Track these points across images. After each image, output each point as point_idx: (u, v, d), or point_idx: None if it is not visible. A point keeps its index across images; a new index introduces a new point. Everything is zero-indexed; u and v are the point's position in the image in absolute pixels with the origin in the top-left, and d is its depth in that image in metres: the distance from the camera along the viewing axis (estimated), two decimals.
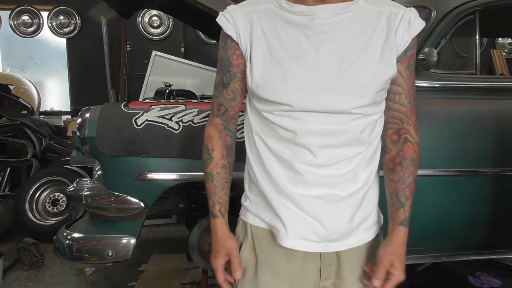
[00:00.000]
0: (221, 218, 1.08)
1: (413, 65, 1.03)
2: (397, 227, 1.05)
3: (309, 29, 0.95)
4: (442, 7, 2.09)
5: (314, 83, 0.94)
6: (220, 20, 1.02)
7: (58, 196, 3.52)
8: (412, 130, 1.06)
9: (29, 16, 5.38)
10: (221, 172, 1.08)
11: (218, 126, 1.09)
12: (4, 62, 5.72)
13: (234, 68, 1.03)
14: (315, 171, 0.97)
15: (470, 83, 2.14)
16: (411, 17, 0.98)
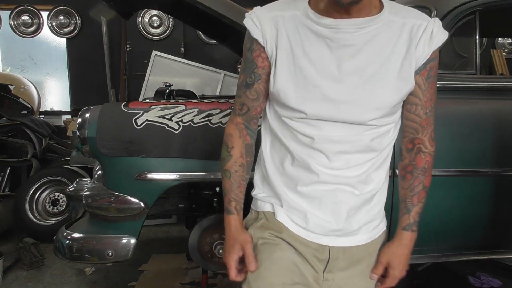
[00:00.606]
0: (236, 215, 1.10)
1: (434, 77, 1.04)
2: (400, 231, 1.11)
3: (333, 41, 0.97)
4: (442, 7, 2.09)
5: (333, 94, 0.96)
6: (247, 23, 1.03)
7: (58, 196, 3.52)
8: (427, 140, 1.09)
9: (29, 16, 5.38)
10: (239, 170, 1.10)
11: (239, 125, 1.11)
12: (4, 62, 5.72)
13: (259, 70, 1.05)
14: (330, 172, 1.02)
15: (470, 83, 2.14)
16: (433, 30, 0.99)
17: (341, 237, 1.07)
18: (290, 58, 0.99)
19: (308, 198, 1.05)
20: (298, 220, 1.06)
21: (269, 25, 1.01)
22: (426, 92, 1.04)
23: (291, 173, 1.05)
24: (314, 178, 1.02)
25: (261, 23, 1.01)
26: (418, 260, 2.16)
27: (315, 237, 1.06)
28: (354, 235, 1.08)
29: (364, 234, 1.09)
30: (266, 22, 1.01)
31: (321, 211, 1.04)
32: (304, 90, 0.98)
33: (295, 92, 0.98)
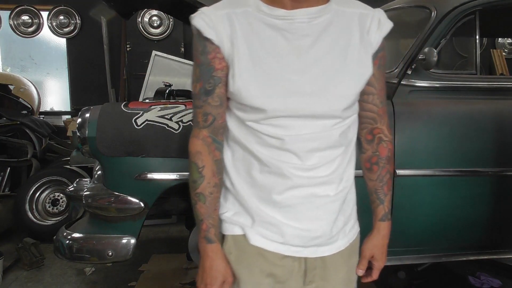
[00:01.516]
0: (217, 243, 1.01)
1: (384, 66, 1.05)
2: (378, 222, 1.11)
3: (289, 32, 0.94)
4: (442, 7, 2.09)
5: (298, 87, 0.93)
6: (197, 24, 0.94)
7: (58, 196, 3.52)
8: (385, 129, 1.09)
9: (29, 16, 5.38)
10: (213, 191, 1.00)
11: (206, 139, 1.00)
12: (4, 62, 5.72)
13: (218, 73, 0.96)
14: (303, 174, 0.97)
15: (470, 83, 2.14)
16: (381, 18, 1.00)
17: (321, 247, 1.03)
18: (248, 55, 0.93)
19: (283, 208, 0.98)
20: (273, 236, 1.00)
21: (221, 23, 0.94)
22: (379, 81, 1.04)
23: (261, 182, 0.98)
24: (288, 184, 0.96)
25: (213, 22, 0.94)
26: (418, 260, 2.16)
27: (295, 250, 1.01)
28: (333, 243, 1.04)
29: (342, 240, 1.06)
30: (218, 20, 0.94)
31: (298, 221, 0.99)
32: (267, 86, 0.92)
33: (258, 89, 0.92)
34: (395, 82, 2.04)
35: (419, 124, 1.96)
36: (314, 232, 1.00)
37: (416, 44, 2.06)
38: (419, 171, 1.95)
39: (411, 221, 2.00)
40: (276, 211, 0.99)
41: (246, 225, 1.01)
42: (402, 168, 1.93)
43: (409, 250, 2.10)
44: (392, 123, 1.92)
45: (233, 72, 0.94)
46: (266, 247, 1.01)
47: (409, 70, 2.03)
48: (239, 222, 1.02)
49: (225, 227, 1.04)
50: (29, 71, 5.66)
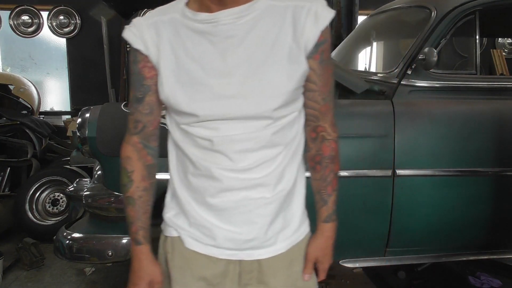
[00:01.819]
0: (146, 244, 1.04)
1: (327, 60, 1.00)
2: (321, 224, 1.08)
3: (214, 35, 0.92)
4: (442, 7, 2.09)
5: (224, 90, 0.91)
6: (126, 35, 0.98)
7: (58, 196, 3.52)
8: (328, 127, 1.05)
9: (29, 16, 5.38)
10: (143, 195, 1.04)
11: (136, 145, 1.03)
12: (4, 62, 5.72)
13: (148, 81, 0.98)
14: (235, 176, 0.95)
15: (470, 83, 2.14)
16: (317, 10, 0.94)
17: (257, 250, 1.01)
18: (174, 62, 0.94)
19: (216, 211, 0.98)
20: (206, 239, 1.00)
21: (148, 32, 0.96)
22: (321, 76, 0.99)
23: (195, 185, 0.98)
24: (219, 186, 0.95)
25: (140, 32, 0.96)
26: (418, 260, 2.16)
27: (229, 253, 1.00)
28: (270, 246, 1.01)
29: (282, 242, 1.03)
30: (145, 30, 0.96)
31: (231, 224, 0.98)
32: (194, 91, 0.92)
33: (185, 95, 0.93)
34: (395, 82, 2.04)
35: (419, 124, 1.96)
36: (247, 235, 0.99)
37: (416, 44, 2.06)
38: (419, 171, 1.95)
39: (411, 221, 2.00)
40: (210, 213, 0.99)
41: (182, 227, 1.03)
42: (402, 168, 1.93)
43: (409, 250, 2.10)
44: (392, 123, 1.92)
45: (160, 80, 0.96)
46: (199, 250, 1.02)
47: (409, 70, 2.03)
48: (176, 224, 1.05)
49: (164, 228, 1.08)
50: (29, 71, 5.66)
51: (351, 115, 1.95)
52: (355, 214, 1.95)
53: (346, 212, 1.95)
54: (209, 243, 1.01)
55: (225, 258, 1.01)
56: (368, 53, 2.74)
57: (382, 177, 1.92)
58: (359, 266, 2.13)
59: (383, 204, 1.95)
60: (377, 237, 2.01)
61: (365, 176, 1.92)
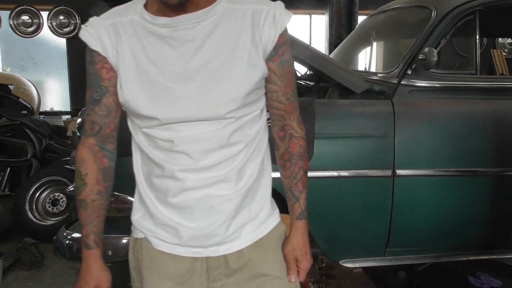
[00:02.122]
0: (96, 249, 1.03)
1: (288, 61, 1.01)
2: (295, 221, 1.08)
3: (174, 39, 0.92)
4: (442, 7, 2.09)
5: (184, 94, 0.91)
6: (83, 36, 0.96)
7: (58, 196, 3.52)
8: (295, 125, 1.06)
9: (29, 16, 5.39)
10: (96, 199, 1.03)
11: (92, 147, 1.01)
12: (4, 62, 5.72)
13: (106, 82, 0.98)
14: (196, 176, 0.95)
15: (470, 83, 2.14)
16: (276, 13, 0.95)
17: (221, 245, 1.01)
18: (134, 64, 0.94)
19: (179, 210, 0.98)
20: (171, 238, 1.01)
21: (107, 33, 0.95)
22: (282, 77, 1.00)
23: (158, 186, 0.99)
24: (180, 186, 0.96)
25: (98, 33, 0.95)
26: (418, 260, 2.16)
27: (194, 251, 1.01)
28: (234, 240, 1.02)
29: (247, 235, 1.03)
30: (103, 31, 0.95)
31: (193, 221, 0.98)
32: (154, 94, 0.92)
33: (145, 99, 0.92)
34: (395, 82, 2.04)
35: (419, 124, 1.96)
36: (210, 231, 0.99)
37: (416, 44, 2.06)
38: (419, 171, 1.95)
39: (411, 221, 2.00)
40: (173, 212, 0.99)
41: (148, 229, 1.04)
42: (402, 168, 1.93)
43: (409, 250, 2.10)
44: (392, 123, 1.92)
45: (120, 82, 0.95)
46: (165, 249, 1.02)
47: (409, 70, 2.03)
48: (142, 226, 1.05)
49: (133, 230, 1.09)
50: (29, 71, 5.66)
51: (351, 115, 1.95)
52: (355, 214, 1.95)
53: (346, 212, 1.95)
54: (174, 242, 1.01)
55: (190, 256, 1.02)
56: (368, 53, 2.74)
57: (382, 177, 1.92)
58: (359, 266, 2.13)
59: (383, 204, 1.95)
60: (377, 237, 2.01)
61: (365, 176, 1.92)
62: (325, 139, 1.87)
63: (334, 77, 2.04)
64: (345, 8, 4.69)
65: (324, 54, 2.55)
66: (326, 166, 1.88)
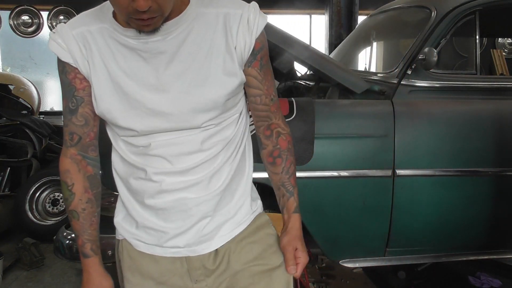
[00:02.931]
0: (94, 257, 1.03)
1: (267, 64, 1.00)
2: (292, 215, 1.07)
3: (145, 52, 0.89)
4: (442, 7, 2.09)
5: (159, 107, 0.90)
6: (52, 47, 0.93)
7: (58, 196, 3.52)
8: (281, 123, 1.07)
9: (29, 16, 5.39)
10: (86, 207, 1.01)
11: (74, 157, 1.00)
12: (4, 62, 5.72)
13: (80, 92, 0.95)
14: (174, 179, 0.95)
15: (470, 83, 2.14)
16: (250, 18, 0.91)
17: (198, 245, 1.01)
18: (107, 76, 0.91)
19: (155, 211, 0.98)
20: (150, 239, 1.01)
21: (75, 44, 0.91)
22: (264, 81, 0.99)
23: (135, 187, 0.99)
24: (157, 188, 0.95)
25: (66, 44, 0.91)
26: (418, 260, 2.16)
27: (173, 251, 1.01)
28: (211, 239, 1.01)
29: (225, 233, 1.03)
30: (72, 42, 0.91)
31: (171, 222, 0.98)
32: (129, 107, 0.90)
33: (121, 111, 0.91)
34: (395, 82, 2.04)
35: (419, 124, 1.96)
36: (186, 231, 0.99)
37: (416, 44, 2.06)
38: (419, 171, 1.95)
39: (411, 221, 2.00)
40: (151, 214, 0.99)
41: (129, 230, 1.05)
42: (402, 168, 1.93)
43: (409, 250, 2.10)
44: (392, 123, 1.92)
45: (94, 94, 0.93)
46: (145, 250, 1.03)
47: (409, 70, 2.03)
48: (123, 227, 1.06)
49: (116, 232, 1.10)
50: (29, 71, 5.67)
51: (351, 115, 1.95)
52: (355, 214, 1.95)
53: (346, 212, 1.95)
54: (153, 243, 1.01)
55: (170, 256, 1.01)
56: (368, 53, 2.74)
57: (382, 177, 1.92)
58: (359, 266, 2.13)
59: (383, 204, 1.95)
60: (377, 237, 2.01)
61: (365, 176, 1.92)
62: (325, 139, 1.87)
63: (334, 77, 2.04)
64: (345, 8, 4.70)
65: (324, 54, 2.55)
66: (326, 166, 1.88)
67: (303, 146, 1.81)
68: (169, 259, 1.02)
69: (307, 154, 1.82)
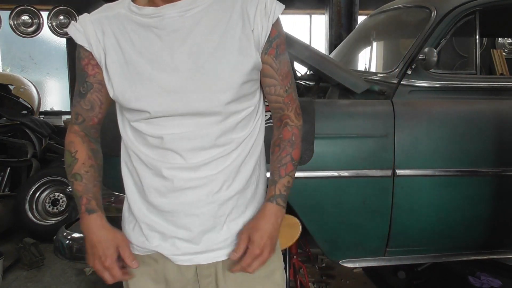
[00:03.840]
0: (101, 212, 0.98)
1: (284, 54, 0.99)
2: (265, 203, 1.00)
3: (160, 29, 0.91)
4: (442, 7, 2.09)
5: (173, 84, 0.90)
6: (70, 31, 0.97)
7: (58, 196, 3.52)
8: (292, 115, 1.05)
9: (29, 16, 5.39)
10: (90, 170, 0.99)
11: (78, 132, 1.03)
12: (4, 62, 5.72)
13: (91, 78, 0.98)
14: (186, 176, 0.93)
15: (470, 83, 2.14)
16: (267, 3, 0.93)
17: (212, 252, 0.98)
18: (121, 57, 0.93)
19: (165, 213, 0.96)
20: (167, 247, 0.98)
21: (92, 28, 0.95)
22: (279, 70, 0.98)
23: (146, 186, 0.96)
24: (169, 186, 0.94)
25: (83, 28, 0.95)
26: (418, 260, 2.16)
27: (187, 259, 0.98)
28: (222, 249, 0.99)
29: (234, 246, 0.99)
30: (89, 26, 0.95)
31: (181, 227, 0.96)
32: (141, 87, 0.91)
33: (133, 92, 0.91)
34: (395, 82, 2.04)
35: (419, 124, 1.96)
36: (197, 242, 0.96)
37: (416, 44, 2.06)
38: (419, 171, 1.95)
39: (411, 221, 2.00)
40: (159, 217, 0.97)
41: (136, 238, 1.02)
42: (402, 168, 1.93)
43: (409, 250, 2.10)
44: (392, 123, 1.92)
45: (108, 77, 0.95)
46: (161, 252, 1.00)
47: (409, 70, 2.03)
48: (130, 237, 1.03)
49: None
50: (29, 71, 5.67)
51: (351, 115, 1.95)
52: (355, 214, 1.95)
53: (346, 212, 1.95)
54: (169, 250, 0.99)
55: (182, 264, 0.99)
56: (368, 53, 2.74)
57: (382, 177, 1.92)
58: (359, 266, 2.13)
59: (383, 204, 1.95)
60: (377, 237, 2.01)
61: (365, 176, 1.92)
62: (325, 139, 1.87)
63: (334, 77, 2.04)
64: (345, 8, 4.70)
65: (324, 54, 2.55)
66: (326, 166, 1.88)
67: (303, 146, 1.81)
68: (182, 266, 1.00)
69: (307, 154, 1.82)
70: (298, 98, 1.07)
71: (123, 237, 1.00)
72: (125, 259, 0.97)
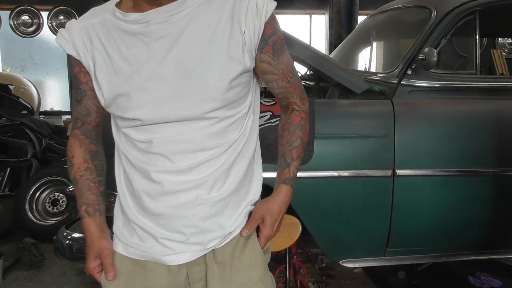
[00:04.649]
0: (88, 217, 1.06)
1: (281, 48, 0.97)
2: (280, 185, 1.06)
3: (147, 36, 0.88)
4: (442, 7, 2.09)
5: (160, 93, 0.88)
6: (58, 40, 0.96)
7: (58, 196, 3.52)
8: (298, 101, 1.07)
9: (29, 16, 5.39)
10: (85, 174, 1.06)
11: (78, 136, 1.07)
12: (4, 62, 5.72)
13: (84, 86, 0.99)
14: (176, 179, 0.93)
15: (470, 83, 2.14)
16: (258, 3, 0.90)
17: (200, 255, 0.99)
18: (110, 66, 0.91)
19: (157, 216, 0.96)
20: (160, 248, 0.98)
21: (79, 36, 0.93)
22: (279, 65, 0.98)
23: (137, 190, 0.97)
24: (158, 189, 0.93)
25: (71, 36, 0.94)
26: (418, 260, 2.16)
27: (179, 258, 0.98)
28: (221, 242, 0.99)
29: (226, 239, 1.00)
30: (76, 34, 0.94)
31: (172, 230, 0.96)
32: (131, 96, 0.90)
33: (124, 101, 0.90)
34: (395, 82, 2.04)
35: (419, 124, 1.96)
36: (191, 238, 0.96)
37: (416, 44, 2.06)
38: (419, 171, 1.95)
39: (411, 221, 2.00)
40: (151, 220, 0.97)
41: (128, 237, 1.03)
42: (402, 168, 1.93)
43: (409, 250, 2.10)
44: (392, 123, 1.92)
45: (98, 87, 0.95)
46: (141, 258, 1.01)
47: (409, 70, 2.03)
48: (124, 237, 1.04)
49: (114, 242, 1.08)
50: (29, 71, 5.67)
51: (351, 115, 1.95)
52: (355, 214, 1.95)
53: (346, 212, 1.95)
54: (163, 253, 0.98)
55: (170, 265, 0.99)
56: (368, 53, 2.74)
57: (382, 177, 1.92)
58: (359, 266, 2.13)
59: (383, 204, 1.95)
60: (377, 237, 2.01)
61: (365, 176, 1.92)
62: (325, 139, 1.87)
63: (334, 77, 2.04)
64: (345, 8, 4.70)
65: (324, 54, 2.55)
66: (326, 166, 1.88)
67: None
68: (169, 270, 1.00)
69: (307, 154, 1.82)
70: (301, 83, 1.07)
71: (108, 246, 1.05)
72: (103, 269, 1.04)
